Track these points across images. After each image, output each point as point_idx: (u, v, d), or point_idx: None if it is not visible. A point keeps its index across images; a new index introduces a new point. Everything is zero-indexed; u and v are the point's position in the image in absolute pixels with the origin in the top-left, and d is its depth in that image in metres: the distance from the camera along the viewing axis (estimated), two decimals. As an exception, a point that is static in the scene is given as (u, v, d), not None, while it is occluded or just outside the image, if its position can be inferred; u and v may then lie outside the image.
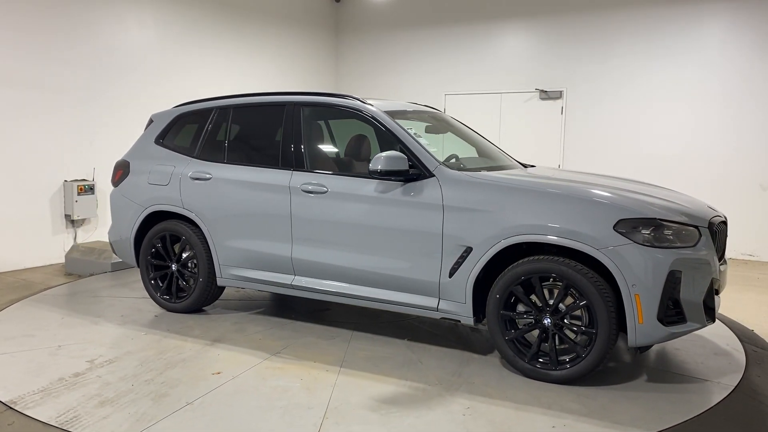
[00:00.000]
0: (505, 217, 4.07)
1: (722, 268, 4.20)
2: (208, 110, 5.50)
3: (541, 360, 4.06)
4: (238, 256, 5.13)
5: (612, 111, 9.55)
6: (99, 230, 8.15)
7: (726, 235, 4.47)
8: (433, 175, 4.37)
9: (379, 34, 11.61)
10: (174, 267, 5.47)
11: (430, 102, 9.88)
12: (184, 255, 5.43)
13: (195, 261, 5.35)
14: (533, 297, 4.08)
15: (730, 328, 5.27)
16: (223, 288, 5.48)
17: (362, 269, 4.60)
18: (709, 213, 4.20)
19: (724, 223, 4.44)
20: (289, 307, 5.76)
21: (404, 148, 4.52)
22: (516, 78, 10.28)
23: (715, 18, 8.76)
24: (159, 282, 5.56)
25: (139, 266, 5.66)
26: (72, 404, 3.64)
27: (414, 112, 5.36)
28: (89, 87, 7.93)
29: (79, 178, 7.89)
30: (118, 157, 7.24)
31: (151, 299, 5.64)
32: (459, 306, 4.28)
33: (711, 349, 4.72)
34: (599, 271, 3.88)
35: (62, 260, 7.58)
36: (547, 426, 3.44)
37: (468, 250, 4.17)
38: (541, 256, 4.01)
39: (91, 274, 6.96)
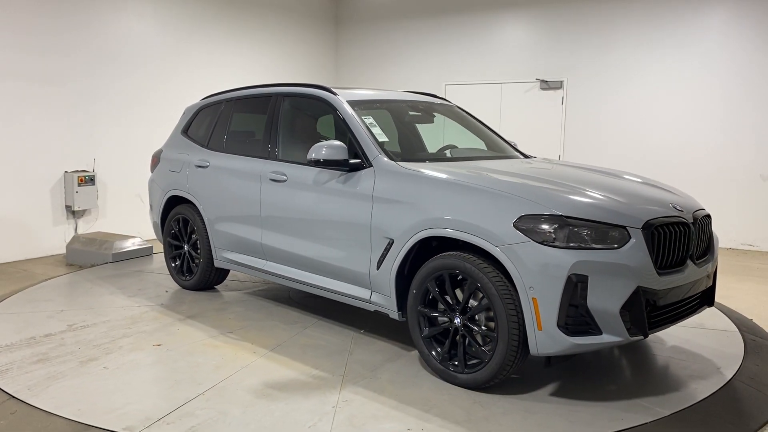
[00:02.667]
0: (420, 210, 3.90)
1: (697, 271, 3.73)
2: (219, 102, 5.86)
3: (453, 362, 3.83)
4: (227, 240, 5.42)
5: (613, 101, 9.46)
6: (99, 221, 8.17)
7: (703, 236, 3.88)
8: (371, 166, 4.30)
9: (379, 25, 11.58)
10: (186, 248, 5.92)
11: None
12: (193, 237, 5.85)
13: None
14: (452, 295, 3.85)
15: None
16: (225, 270, 5.80)
17: (311, 257, 4.66)
18: (661, 212, 3.66)
19: (700, 222, 3.85)
20: (302, 293, 5.78)
21: (352, 138, 4.49)
22: (516, 68, 10.20)
23: (715, 9, 8.69)
24: (175, 261, 6.05)
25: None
26: (17, 359, 4.15)
27: (388, 101, 5.24)
28: (89, 78, 7.91)
29: (79, 169, 7.86)
30: (118, 148, 7.96)
31: (170, 278, 6.16)
32: (386, 299, 4.17)
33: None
34: (504, 270, 3.57)
35: (63, 251, 7.55)
36: (403, 428, 3.27)
37: (391, 243, 4.05)
38: (452, 252, 3.78)
39: (92, 265, 6.97)
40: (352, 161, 4.34)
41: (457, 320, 3.76)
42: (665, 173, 8.57)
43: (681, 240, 3.69)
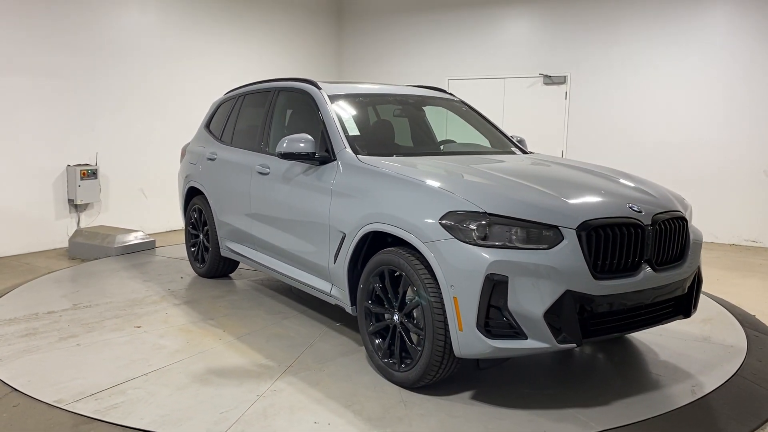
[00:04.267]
0: (365, 204, 3.88)
1: (657, 277, 3.48)
2: (234, 97, 6.06)
3: (392, 359, 3.76)
4: (228, 231, 5.62)
5: (616, 96, 9.43)
6: (102, 215, 8.17)
7: (668, 240, 3.60)
8: (335, 159, 4.30)
9: (383, 19, 11.50)
10: (201, 237, 6.18)
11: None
12: (206, 227, 6.09)
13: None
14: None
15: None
16: (232, 259, 5.99)
17: (286, 249, 4.75)
18: (606, 212, 3.40)
19: (663, 225, 3.55)
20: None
21: (323, 131, 4.51)
22: (520, 63, 10.15)
23: (720, 5, 8.67)
24: (193, 249, 6.33)
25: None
26: (9, 331, 4.52)
27: (376, 95, 5.19)
28: (91, 72, 7.91)
29: (82, 163, 7.84)
30: (120, 142, 8.14)
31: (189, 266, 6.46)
32: (342, 293, 4.17)
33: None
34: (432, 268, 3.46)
35: (65, 245, 7.57)
36: (312, 420, 3.26)
37: (344, 237, 4.04)
38: (392, 248, 3.71)
39: (95, 258, 7.01)
40: (320, 154, 4.36)
41: (395, 317, 3.70)
42: (668, 169, 8.94)
43: (632, 243, 3.41)
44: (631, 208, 3.50)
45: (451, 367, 3.49)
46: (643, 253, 3.45)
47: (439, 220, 3.36)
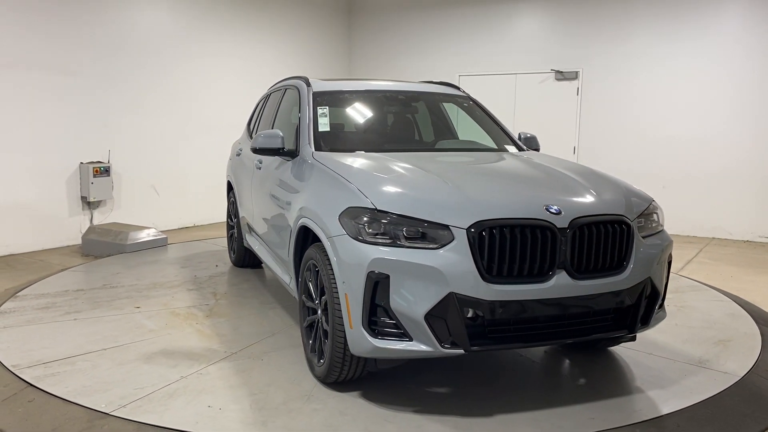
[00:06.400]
0: (301, 199, 3.95)
1: (576, 285, 3.20)
2: (265, 95, 6.34)
3: (315, 354, 3.78)
4: (244, 222, 5.90)
5: (629, 92, 9.38)
6: (115, 212, 8.21)
7: (595, 245, 3.27)
8: (299, 155, 4.39)
9: (393, 15, 11.43)
10: (235, 228, 6.54)
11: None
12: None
13: (242, 224, 6.32)
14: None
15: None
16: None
17: (267, 241, 4.94)
18: (508, 213, 3.17)
19: (586, 229, 3.24)
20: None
21: (297, 126, 4.62)
22: (531, 58, 10.07)
23: (733, 0, 8.62)
24: (229, 240, 6.72)
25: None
26: (32, 304, 5.11)
27: (363, 92, 5.14)
28: (104, 70, 7.96)
29: (94, 160, 7.90)
30: (132, 140, 8.32)
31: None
32: (295, 286, 4.25)
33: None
34: None
35: (79, 242, 7.61)
36: (205, 405, 3.38)
37: (291, 231, 4.12)
38: (317, 243, 3.73)
39: (109, 255, 7.06)
40: (288, 149, 4.47)
41: (319, 312, 3.71)
42: (681, 165, 9.03)
43: (539, 247, 3.14)
44: (547, 209, 3.22)
45: (356, 365, 3.43)
46: (554, 258, 3.17)
47: (339, 216, 3.34)
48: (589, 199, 3.44)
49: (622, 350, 4.24)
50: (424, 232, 3.13)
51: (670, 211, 9.23)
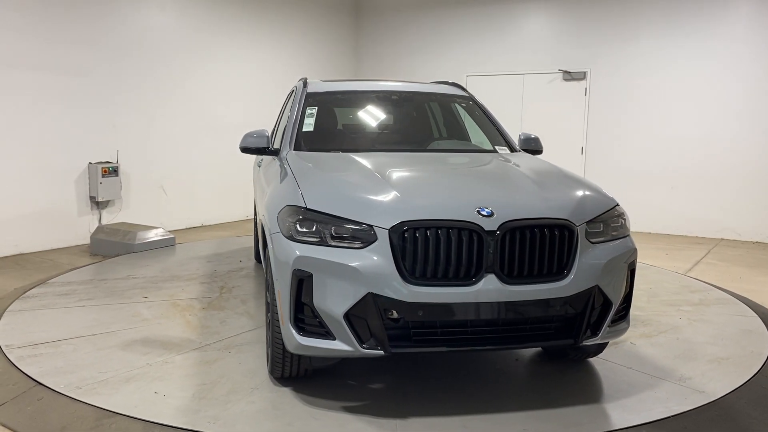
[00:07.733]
0: (265, 196, 4.03)
1: (505, 290, 3.09)
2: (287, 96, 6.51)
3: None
4: (258, 219, 6.09)
5: (637, 92, 9.36)
6: (123, 212, 8.24)
7: (530, 250, 3.14)
8: (277, 154, 4.51)
9: (400, 15, 11.38)
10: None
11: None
12: (260, 217, 6.65)
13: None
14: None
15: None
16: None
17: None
18: (433, 214, 3.11)
19: (518, 233, 3.12)
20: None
21: (285, 125, 4.75)
22: (539, 59, 10.04)
23: (741, 1, 8.58)
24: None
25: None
26: (53, 291, 5.52)
27: (359, 93, 5.15)
28: (112, 70, 7.98)
29: (103, 161, 7.93)
30: (140, 140, 8.36)
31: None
32: (268, 283, 4.35)
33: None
34: None
35: (87, 241, 7.65)
36: (152, 391, 3.53)
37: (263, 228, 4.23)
38: (275, 239, 3.81)
39: (117, 255, 7.10)
40: (272, 148, 4.59)
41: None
42: (689, 165, 9.02)
43: (463, 249, 3.05)
44: (479, 212, 3.13)
45: (295, 361, 3.48)
46: (481, 261, 3.07)
47: (277, 213, 3.40)
48: (530, 202, 3.31)
49: (598, 362, 4.02)
50: (350, 232, 3.13)
51: (678, 211, 9.28)
